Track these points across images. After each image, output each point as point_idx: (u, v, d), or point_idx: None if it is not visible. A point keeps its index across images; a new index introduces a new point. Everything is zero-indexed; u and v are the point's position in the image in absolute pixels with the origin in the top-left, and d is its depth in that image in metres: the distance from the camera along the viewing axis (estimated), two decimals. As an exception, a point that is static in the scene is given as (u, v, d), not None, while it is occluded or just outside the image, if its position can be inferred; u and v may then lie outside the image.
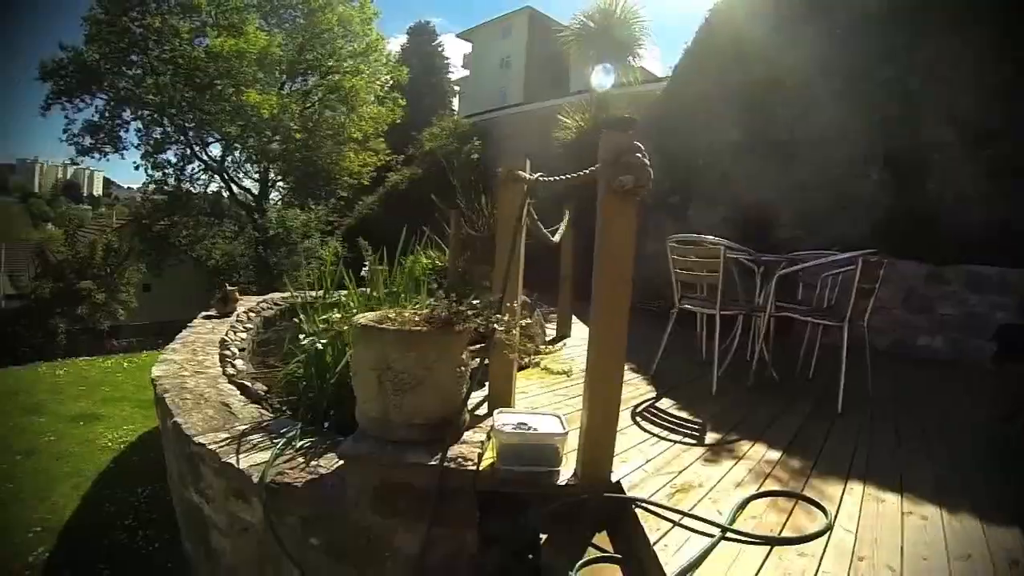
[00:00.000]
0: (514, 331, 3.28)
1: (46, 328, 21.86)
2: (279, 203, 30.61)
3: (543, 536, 2.84)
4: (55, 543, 5.27)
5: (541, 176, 3.60)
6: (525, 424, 3.05)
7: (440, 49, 42.07)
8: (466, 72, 49.41)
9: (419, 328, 2.88)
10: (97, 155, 28.44)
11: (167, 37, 26.25)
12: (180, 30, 26.02)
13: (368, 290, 4.83)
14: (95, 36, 26.55)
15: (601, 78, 12.67)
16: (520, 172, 3.65)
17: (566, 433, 2.99)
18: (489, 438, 3.18)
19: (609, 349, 2.85)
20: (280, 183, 31.14)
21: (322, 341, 3.83)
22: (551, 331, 6.81)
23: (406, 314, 3.04)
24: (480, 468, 2.90)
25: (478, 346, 3.18)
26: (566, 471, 2.99)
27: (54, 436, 7.54)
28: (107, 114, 27.86)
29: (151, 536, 5.08)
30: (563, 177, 3.42)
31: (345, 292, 4.76)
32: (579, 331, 6.65)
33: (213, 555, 3.81)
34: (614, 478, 2.98)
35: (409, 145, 28.12)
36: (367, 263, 5.00)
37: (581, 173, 3.13)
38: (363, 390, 2.93)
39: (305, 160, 27.99)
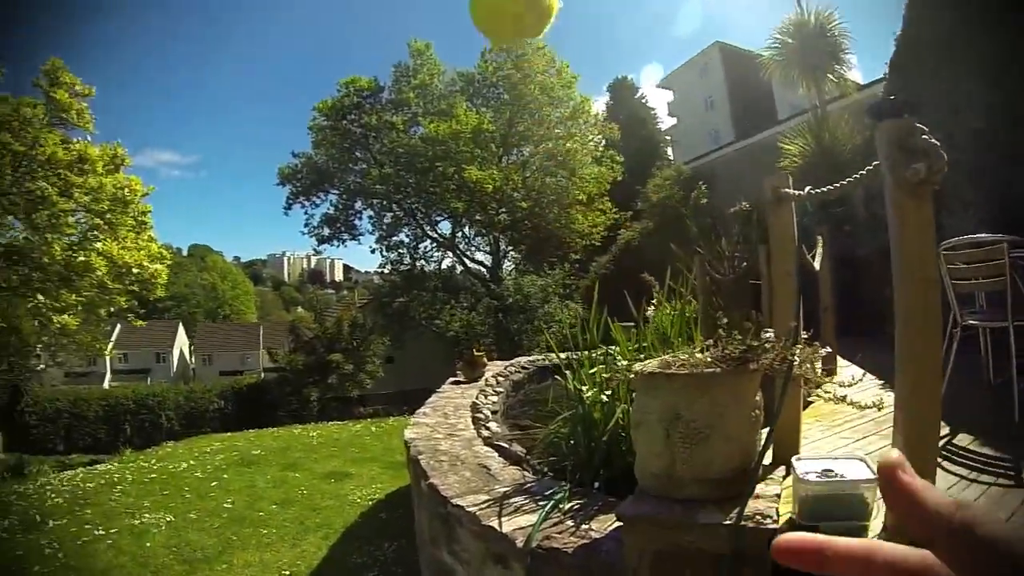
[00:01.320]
0: (810, 365, 2.77)
1: (300, 395, 23.97)
2: (513, 271, 31.65)
3: None
4: None
5: (811, 189, 3.12)
6: (830, 471, 2.50)
7: (644, 101, 41.89)
8: (673, 120, 48.77)
9: (711, 370, 2.48)
10: (336, 243, 31.86)
11: (384, 132, 28.98)
12: (395, 124, 28.60)
13: (633, 342, 4.44)
14: (320, 141, 30.32)
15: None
16: (787, 189, 3.20)
17: (877, 478, 2.43)
18: (780, 492, 2.65)
19: (922, 370, 2.27)
20: (512, 252, 32.38)
21: (606, 393, 3.51)
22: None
23: (698, 355, 2.64)
24: (778, 526, 2.39)
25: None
26: (876, 524, 2.40)
27: (307, 490, 7.98)
28: (340, 207, 31.29)
29: (418, 592, 5.02)
30: (837, 185, 2.92)
31: (613, 347, 4.41)
32: (846, 369, 5.87)
33: (463, 619, 3.58)
34: (931, 529, 2.37)
35: (635, 200, 28.13)
36: (653, 302, 4.62)
37: (857, 176, 2.62)
38: (646, 444, 2.56)
39: (534, 227, 29.05)
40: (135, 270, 14.78)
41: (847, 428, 4.04)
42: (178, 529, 6.89)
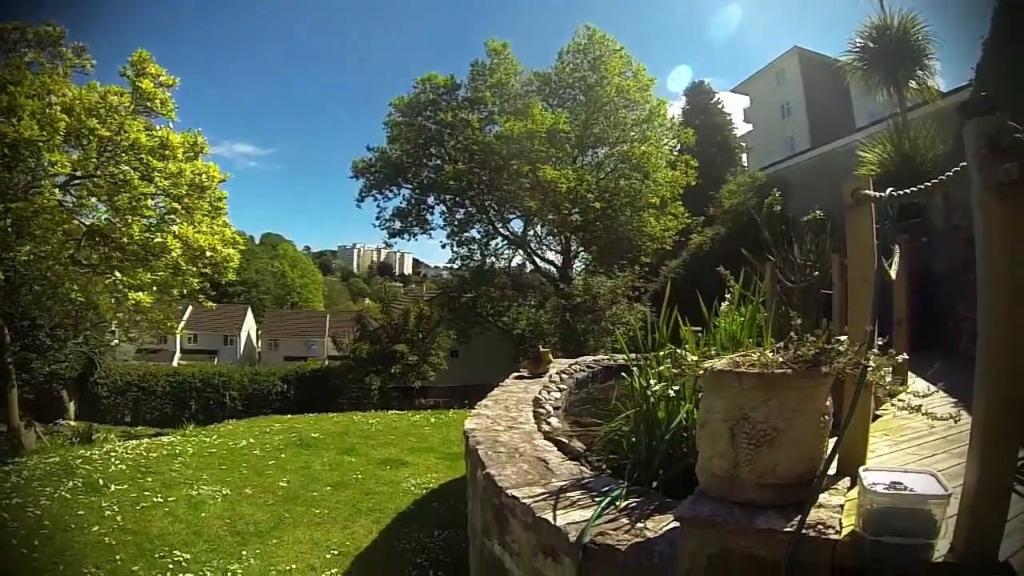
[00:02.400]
0: (885, 372, 2.65)
1: (362, 384, 24.42)
2: (583, 272, 31.69)
3: None
4: (347, 568, 5.55)
5: (893, 191, 2.99)
6: (899, 483, 2.38)
7: (720, 107, 41.40)
8: (749, 127, 47.92)
9: (782, 371, 2.41)
10: (406, 237, 32.37)
11: (459, 129, 29.14)
12: (471, 121, 28.67)
13: (702, 346, 4.34)
14: (396, 136, 30.82)
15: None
16: (868, 192, 3.07)
17: (948, 496, 2.30)
18: (844, 504, 2.55)
19: (1002, 385, 2.11)
20: (583, 252, 32.40)
21: (675, 388, 3.44)
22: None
23: (768, 355, 2.56)
24: (841, 537, 2.30)
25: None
26: (943, 544, 2.27)
27: (362, 475, 8.11)
28: (413, 201, 31.75)
29: (441, 578, 5.06)
30: (922, 187, 2.79)
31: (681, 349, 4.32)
32: (918, 382, 5.61)
33: (505, 608, 3.56)
34: (1001, 556, 2.21)
35: (708, 205, 27.78)
36: (728, 294, 4.51)
37: (943, 177, 2.50)
38: (710, 444, 2.50)
39: (606, 229, 28.97)
40: (208, 253, 15.20)
41: (916, 444, 3.86)
42: (233, 503, 7.10)
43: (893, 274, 4.33)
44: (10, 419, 15.24)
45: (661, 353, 3.82)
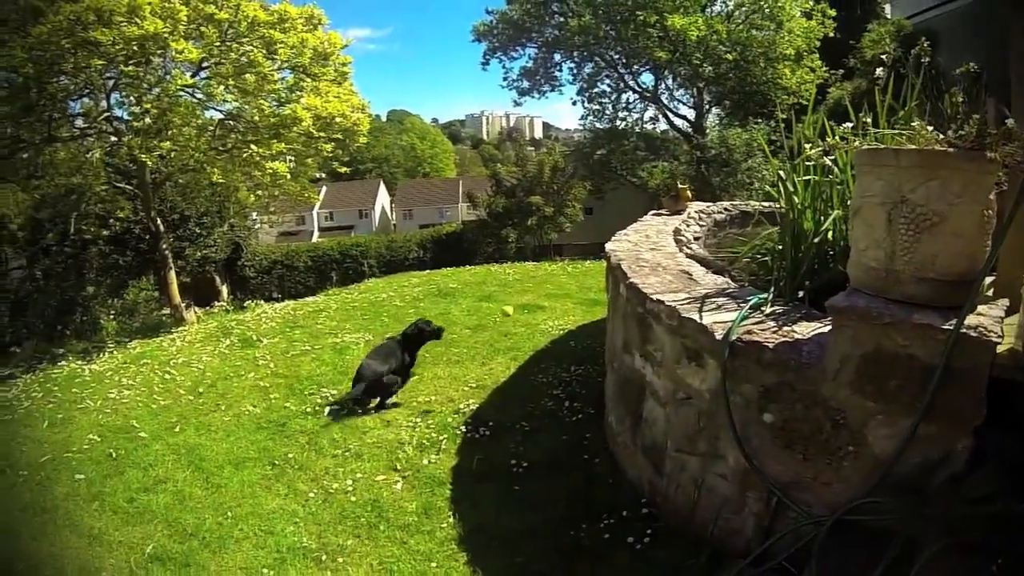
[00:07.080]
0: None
1: (498, 237, 25.00)
2: (717, 126, 30.71)
3: None
4: (485, 399, 5.81)
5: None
6: (1067, 299, 2.24)
7: (860, -48, 37.75)
8: (895, -24, 43.31)
9: (944, 149, 2.27)
10: (536, 95, 32.34)
11: (581, -17, 27.50)
12: (593, -27, 27.01)
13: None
14: None
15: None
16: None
17: None
18: (1003, 317, 2.40)
19: None
20: (715, 108, 31.37)
21: (830, 158, 3.26)
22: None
23: (928, 131, 2.42)
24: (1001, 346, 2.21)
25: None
26: None
27: (500, 319, 8.24)
28: (539, 59, 31.24)
29: (575, 408, 5.28)
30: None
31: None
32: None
33: (641, 425, 3.65)
34: None
35: (847, 57, 25.83)
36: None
37: None
38: (866, 232, 2.41)
39: (740, 81, 27.64)
40: (338, 119, 15.47)
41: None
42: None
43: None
44: (171, 298, 16.45)
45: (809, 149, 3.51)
